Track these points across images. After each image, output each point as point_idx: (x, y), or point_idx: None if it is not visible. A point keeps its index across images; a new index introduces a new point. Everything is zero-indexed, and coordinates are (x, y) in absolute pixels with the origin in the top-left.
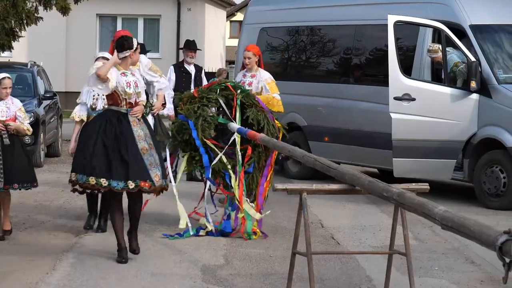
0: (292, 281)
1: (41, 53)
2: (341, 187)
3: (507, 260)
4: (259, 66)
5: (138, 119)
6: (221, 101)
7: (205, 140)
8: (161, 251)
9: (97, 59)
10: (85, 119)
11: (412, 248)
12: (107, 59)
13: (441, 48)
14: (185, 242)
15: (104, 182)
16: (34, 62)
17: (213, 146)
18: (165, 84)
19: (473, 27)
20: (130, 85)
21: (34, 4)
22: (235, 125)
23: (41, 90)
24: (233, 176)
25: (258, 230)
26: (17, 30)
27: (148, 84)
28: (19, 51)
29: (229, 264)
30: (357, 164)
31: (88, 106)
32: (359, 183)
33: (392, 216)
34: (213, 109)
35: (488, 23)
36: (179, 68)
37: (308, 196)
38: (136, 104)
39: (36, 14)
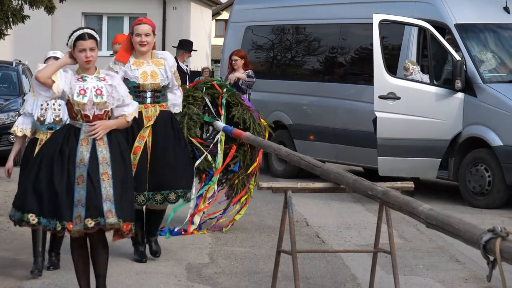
0: (277, 280)
1: (26, 52)
2: (326, 186)
3: (491, 258)
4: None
5: (102, 137)
6: (207, 100)
7: (190, 138)
8: (146, 249)
9: (46, 60)
10: (28, 133)
11: (397, 247)
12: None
13: (412, 67)
14: (170, 240)
15: (32, 218)
16: (19, 61)
17: (198, 145)
18: (179, 100)
19: (458, 26)
20: (85, 92)
21: (20, 3)
22: (220, 124)
23: (26, 89)
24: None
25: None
26: (3, 28)
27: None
28: (4, 50)
29: (214, 263)
30: (342, 162)
31: (35, 118)
32: (344, 181)
33: (377, 215)
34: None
35: (473, 22)
36: None
37: (293, 195)
38: (97, 117)
39: (22, 13)
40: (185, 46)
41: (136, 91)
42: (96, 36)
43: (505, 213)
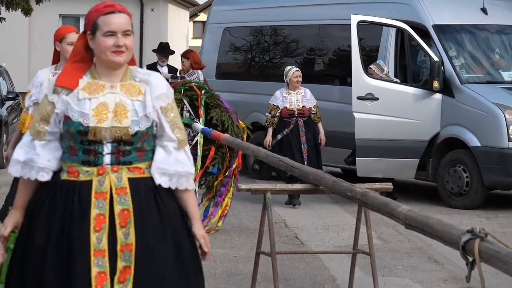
0: (256, 281)
1: (3, 54)
2: (305, 187)
3: (470, 259)
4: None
5: None
6: (185, 101)
7: None
8: None
9: None
10: None
11: (376, 248)
12: None
13: (377, 68)
14: None
15: None
16: None
17: None
18: (178, 168)
19: (436, 27)
20: None
21: None
22: (199, 126)
23: (4, 91)
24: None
25: None
26: None
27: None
28: None
29: None
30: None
31: None
32: (323, 182)
33: (356, 216)
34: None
35: (451, 23)
36: (151, 69)
37: (272, 196)
38: None
39: None
40: (158, 50)
41: (83, 140)
42: None
43: (483, 213)
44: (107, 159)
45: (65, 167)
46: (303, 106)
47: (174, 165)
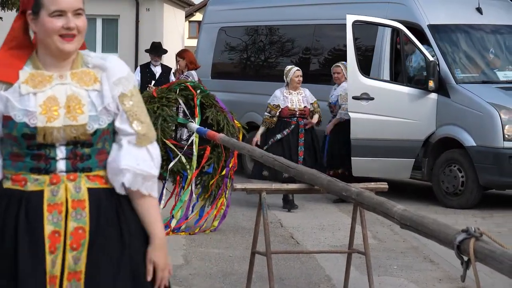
0: (251, 281)
1: None
2: (300, 187)
3: (465, 258)
4: None
5: None
6: (180, 101)
7: (164, 140)
8: None
9: None
10: None
11: (371, 247)
12: None
13: (345, 69)
14: None
15: None
16: None
17: (172, 147)
18: (147, 169)
19: (431, 27)
20: None
21: None
22: (194, 125)
23: None
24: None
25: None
26: None
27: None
28: None
29: (189, 264)
30: None
31: None
32: (318, 182)
33: (351, 216)
34: (174, 109)
35: (446, 23)
36: (144, 68)
37: (267, 196)
38: None
39: None
40: (150, 50)
41: (31, 145)
42: None
43: (478, 213)
44: (61, 165)
45: (8, 175)
46: (305, 107)
47: (125, 159)
